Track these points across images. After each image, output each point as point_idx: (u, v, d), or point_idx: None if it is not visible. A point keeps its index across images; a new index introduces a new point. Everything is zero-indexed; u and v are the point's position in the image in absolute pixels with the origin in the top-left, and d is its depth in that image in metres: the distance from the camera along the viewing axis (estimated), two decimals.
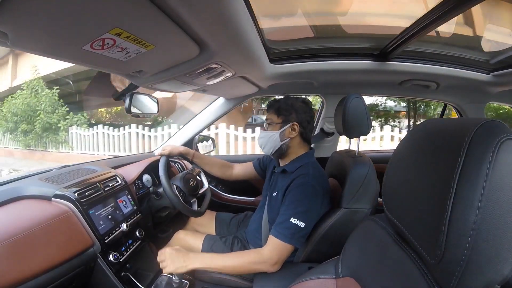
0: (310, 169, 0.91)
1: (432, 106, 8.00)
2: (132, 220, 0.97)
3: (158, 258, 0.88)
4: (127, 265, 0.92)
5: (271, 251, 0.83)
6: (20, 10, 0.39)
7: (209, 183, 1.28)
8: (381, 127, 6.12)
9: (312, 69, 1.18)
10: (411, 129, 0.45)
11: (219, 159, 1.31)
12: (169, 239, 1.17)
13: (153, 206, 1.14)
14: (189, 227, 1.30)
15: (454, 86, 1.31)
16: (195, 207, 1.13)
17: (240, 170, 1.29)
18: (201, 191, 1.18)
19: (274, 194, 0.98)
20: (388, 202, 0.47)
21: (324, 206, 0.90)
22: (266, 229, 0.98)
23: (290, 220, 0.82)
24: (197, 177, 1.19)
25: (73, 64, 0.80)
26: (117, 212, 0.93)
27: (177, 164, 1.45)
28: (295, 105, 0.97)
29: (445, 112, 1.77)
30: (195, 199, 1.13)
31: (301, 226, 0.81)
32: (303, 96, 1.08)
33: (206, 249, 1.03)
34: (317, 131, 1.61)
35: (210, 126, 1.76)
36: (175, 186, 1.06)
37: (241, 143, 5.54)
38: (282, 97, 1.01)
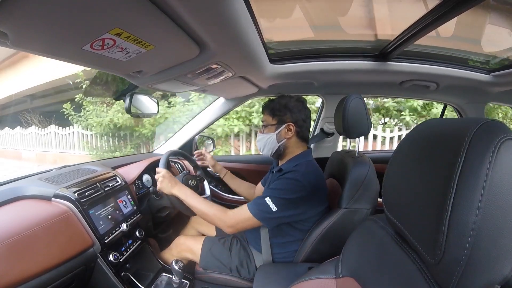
0: (303, 167, 0.90)
1: None
2: (132, 220, 0.97)
3: (156, 176, 0.97)
4: (127, 265, 0.92)
5: (234, 214, 0.86)
6: (20, 10, 0.39)
7: (209, 183, 1.28)
8: None
9: (312, 69, 1.18)
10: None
11: (246, 182, 1.36)
12: (170, 239, 1.17)
13: (153, 206, 1.14)
14: (189, 228, 1.30)
15: (454, 86, 1.31)
16: None
17: (258, 191, 1.31)
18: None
19: None
20: (388, 202, 0.46)
21: (314, 203, 0.89)
22: (265, 229, 0.98)
23: (265, 199, 0.84)
24: (200, 183, 1.19)
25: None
26: (117, 212, 0.93)
27: (177, 164, 1.45)
28: (289, 104, 0.96)
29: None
30: None
31: (272, 209, 0.83)
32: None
33: (205, 252, 1.03)
34: (317, 131, 1.61)
35: None
36: None
37: None
38: (277, 97, 1.00)
